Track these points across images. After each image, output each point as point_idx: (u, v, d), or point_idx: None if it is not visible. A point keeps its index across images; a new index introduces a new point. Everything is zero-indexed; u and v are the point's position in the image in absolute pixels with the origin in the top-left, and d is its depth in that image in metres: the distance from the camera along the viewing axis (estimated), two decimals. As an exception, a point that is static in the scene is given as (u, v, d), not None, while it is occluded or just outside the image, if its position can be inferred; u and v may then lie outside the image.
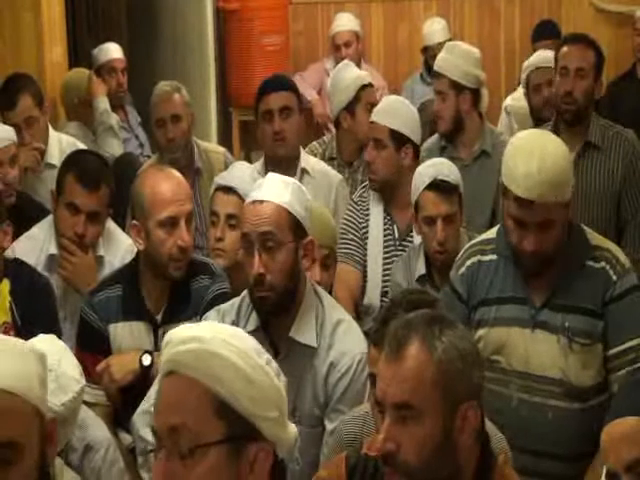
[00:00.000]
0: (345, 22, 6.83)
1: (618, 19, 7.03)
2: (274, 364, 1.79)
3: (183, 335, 1.74)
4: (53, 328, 3.40)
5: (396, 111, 4.22)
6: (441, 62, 4.66)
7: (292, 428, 1.79)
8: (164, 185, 3.36)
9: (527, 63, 5.25)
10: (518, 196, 2.96)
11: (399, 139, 4.16)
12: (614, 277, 3.07)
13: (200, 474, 1.68)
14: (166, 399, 1.73)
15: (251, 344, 1.78)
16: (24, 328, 3.43)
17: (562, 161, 2.98)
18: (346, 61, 5.21)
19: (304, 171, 4.38)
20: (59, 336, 3.38)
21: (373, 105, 4.85)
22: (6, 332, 3.43)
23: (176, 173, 3.46)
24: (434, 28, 6.79)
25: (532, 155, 2.95)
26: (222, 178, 3.73)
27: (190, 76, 5.97)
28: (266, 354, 1.79)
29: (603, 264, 3.08)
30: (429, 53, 6.62)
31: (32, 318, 3.46)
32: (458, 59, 4.59)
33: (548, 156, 2.95)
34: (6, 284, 3.50)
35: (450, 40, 6.66)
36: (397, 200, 4.03)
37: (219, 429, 1.69)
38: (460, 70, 4.56)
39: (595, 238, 3.15)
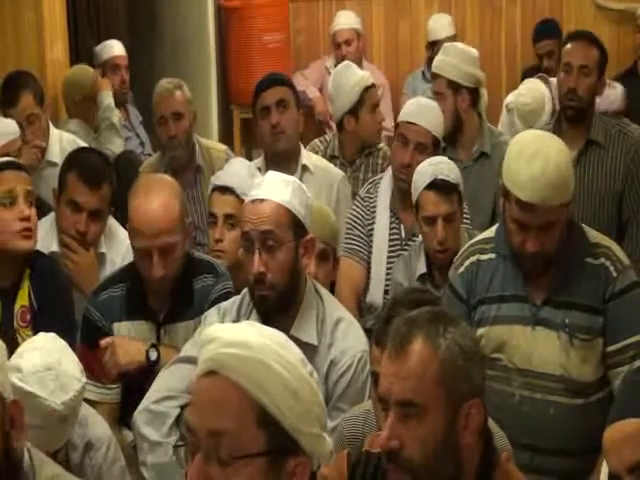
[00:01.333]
0: (346, 20, 6.82)
1: (619, 17, 7.02)
2: (316, 375, 1.76)
3: (230, 337, 1.69)
4: (68, 319, 3.45)
5: (432, 114, 4.19)
6: (438, 63, 4.66)
7: (329, 442, 1.76)
8: (142, 215, 3.27)
9: None
10: (520, 200, 2.96)
11: (437, 143, 4.15)
12: (614, 274, 3.08)
13: None
14: (207, 399, 1.67)
15: (297, 354, 1.75)
16: (40, 313, 3.47)
17: (564, 164, 2.99)
18: (347, 62, 5.19)
19: (305, 168, 4.37)
20: (74, 328, 3.42)
21: (376, 106, 4.85)
22: (23, 315, 3.48)
23: (164, 195, 3.32)
24: (440, 23, 6.79)
25: (534, 159, 2.95)
26: (218, 178, 3.72)
27: (191, 74, 5.96)
28: (309, 364, 1.76)
29: (603, 261, 3.09)
30: (435, 49, 6.62)
31: (48, 308, 3.48)
32: (455, 59, 4.58)
33: (550, 160, 2.95)
34: (27, 270, 3.53)
35: (455, 36, 6.69)
36: (408, 200, 3.99)
37: (260, 439, 1.65)
38: (457, 70, 4.56)
39: (594, 236, 3.17)
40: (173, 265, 3.29)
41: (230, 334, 1.70)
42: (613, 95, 5.08)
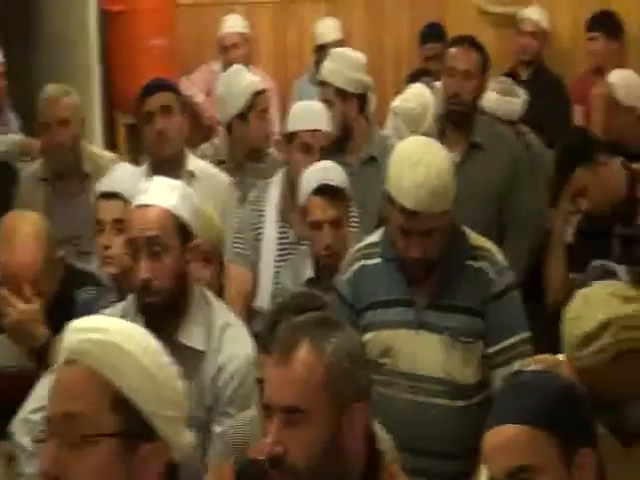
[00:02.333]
0: (233, 24, 6.80)
1: (501, 20, 7.14)
2: (175, 367, 1.79)
3: (86, 325, 1.74)
4: None
5: (325, 114, 4.25)
6: (326, 70, 4.68)
7: (189, 434, 1.78)
8: (5, 267, 3.28)
9: None
10: (403, 207, 3.00)
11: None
12: (492, 276, 3.15)
13: (89, 466, 1.67)
14: (63, 386, 1.71)
15: (154, 342, 1.77)
16: None
17: (446, 172, 3.05)
18: (238, 66, 5.18)
19: (191, 173, 4.34)
20: None
21: (266, 111, 4.85)
22: None
23: (25, 245, 3.30)
24: (327, 27, 6.82)
25: (416, 167, 3.00)
26: (103, 184, 3.68)
27: (72, 79, 5.84)
28: (167, 355, 1.78)
29: (482, 263, 3.16)
30: (323, 52, 6.64)
31: None
32: (342, 66, 4.61)
33: (432, 167, 3.01)
34: None
35: (342, 40, 6.72)
36: (296, 203, 3.99)
37: (114, 423, 1.68)
38: (345, 77, 4.58)
39: (475, 238, 3.23)
40: (45, 297, 3.29)
41: (87, 322, 1.76)
42: (516, 104, 5.14)
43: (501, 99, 5.06)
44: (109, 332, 1.72)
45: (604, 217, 4.29)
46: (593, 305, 2.57)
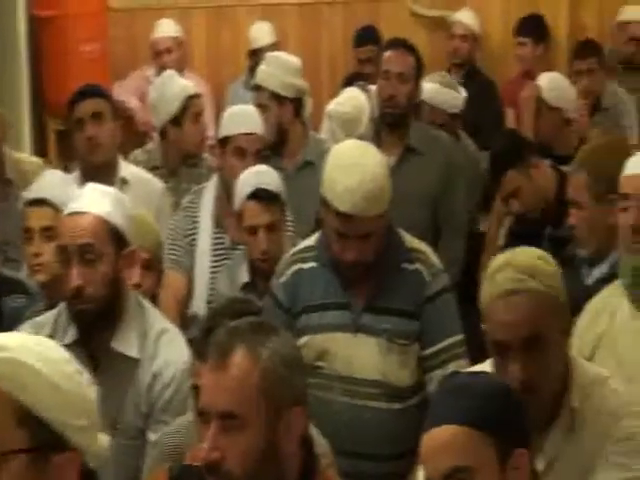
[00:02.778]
0: (166, 28, 6.76)
1: (433, 23, 7.19)
2: (86, 375, 1.79)
3: None
4: None
5: (257, 118, 4.22)
6: (261, 74, 4.67)
7: (103, 438, 1.77)
8: None
9: None
10: (338, 210, 3.01)
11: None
12: (428, 278, 3.16)
13: None
14: None
15: (58, 352, 1.78)
16: None
17: (381, 175, 3.06)
18: (170, 71, 5.15)
19: (124, 180, 4.31)
20: None
21: (200, 115, 4.83)
22: None
23: None
24: (261, 31, 6.81)
25: (352, 171, 3.01)
26: (31, 191, 3.64)
27: (0, 85, 5.78)
28: (75, 364, 1.79)
29: (417, 266, 3.17)
30: (257, 57, 6.63)
31: None
32: (277, 70, 4.61)
33: (367, 171, 3.02)
34: None
35: (276, 43, 6.72)
36: (232, 208, 3.97)
37: (21, 438, 1.69)
38: (280, 81, 4.58)
39: (410, 241, 3.25)
40: None
41: None
42: (458, 99, 5.19)
43: (442, 89, 5.09)
44: (9, 348, 1.72)
45: (535, 219, 4.34)
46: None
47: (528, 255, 2.50)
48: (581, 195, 3.58)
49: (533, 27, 6.65)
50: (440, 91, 5.07)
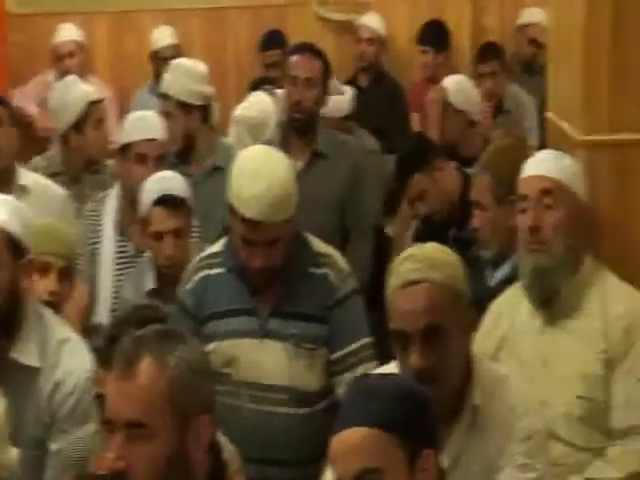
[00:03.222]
0: (67, 33, 6.67)
1: (340, 27, 7.21)
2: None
3: None
4: None
5: (160, 123, 4.19)
6: (166, 83, 4.63)
7: (13, 451, 1.74)
8: None
9: None
10: (245, 217, 3.00)
11: None
12: (336, 282, 3.17)
13: None
14: None
15: None
16: None
17: (287, 181, 3.05)
18: (72, 76, 5.09)
19: (23, 188, 4.22)
20: None
21: (102, 121, 4.77)
22: None
23: None
24: (162, 34, 6.77)
25: (258, 177, 3.00)
26: None
27: None
28: None
29: (325, 270, 3.18)
30: (160, 59, 6.60)
31: None
32: (183, 78, 4.57)
33: (274, 177, 3.01)
34: None
35: (178, 45, 6.69)
36: (135, 216, 3.92)
37: None
38: (186, 89, 4.55)
39: (317, 245, 3.25)
40: None
41: None
42: (343, 101, 5.21)
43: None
44: None
45: (441, 221, 4.38)
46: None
47: (431, 248, 2.54)
48: (484, 197, 3.63)
49: (435, 35, 6.72)
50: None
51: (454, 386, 2.50)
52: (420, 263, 2.46)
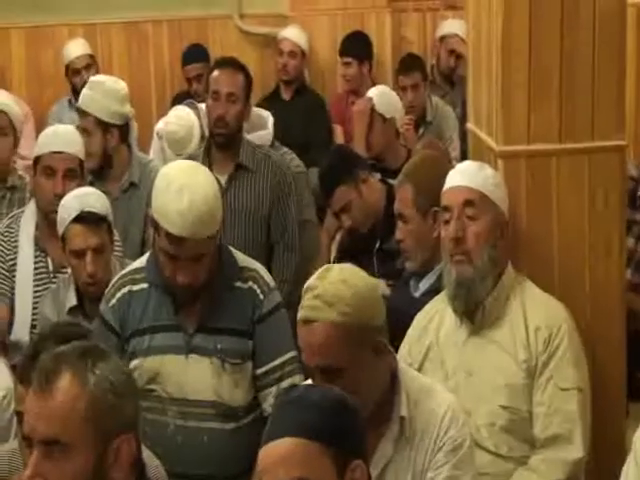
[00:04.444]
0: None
1: (262, 41, 7.22)
2: None
3: None
4: None
5: (74, 138, 4.12)
6: (86, 100, 4.54)
7: None
8: None
9: None
10: (169, 233, 2.98)
11: (82, 166, 4.11)
12: (261, 296, 3.16)
13: None
14: None
15: None
16: None
17: (211, 197, 3.03)
18: None
19: None
20: None
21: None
22: None
23: None
24: (74, 44, 6.69)
25: (182, 193, 2.98)
26: None
27: None
28: None
29: (250, 284, 3.17)
30: (71, 70, 6.53)
31: None
32: (104, 98, 4.49)
33: (198, 193, 2.99)
34: None
35: (92, 55, 6.63)
36: (53, 231, 3.87)
37: None
38: (106, 109, 4.48)
39: (242, 259, 3.23)
40: None
41: None
42: (267, 134, 5.13)
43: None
44: None
45: (366, 233, 4.39)
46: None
47: (334, 278, 2.49)
48: (407, 209, 3.65)
49: (357, 46, 6.74)
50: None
51: (375, 400, 2.51)
52: (318, 299, 2.46)
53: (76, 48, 6.66)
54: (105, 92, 4.53)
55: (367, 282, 2.55)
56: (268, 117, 4.98)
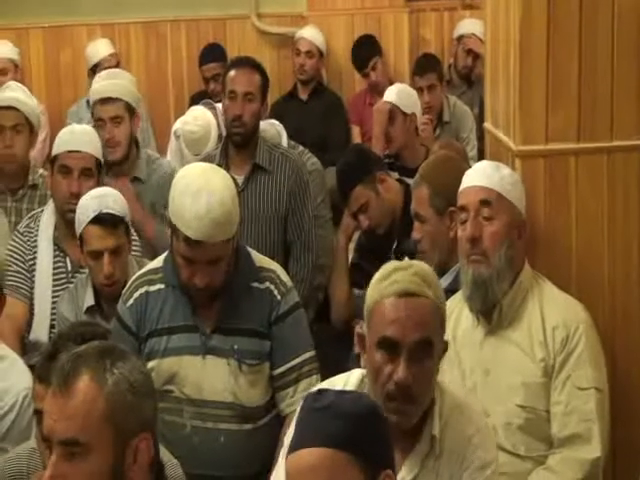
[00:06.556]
0: (2, 50, 6.58)
1: (279, 40, 7.22)
2: None
3: None
4: None
5: (91, 137, 4.13)
6: (111, 87, 4.55)
7: None
8: None
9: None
10: (187, 236, 2.97)
11: (100, 166, 4.15)
12: (278, 297, 3.15)
13: None
14: None
15: None
16: None
17: (229, 200, 3.01)
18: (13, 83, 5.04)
19: None
20: None
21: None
22: None
23: None
24: (96, 45, 6.72)
25: (199, 196, 2.96)
26: None
27: None
28: None
29: (267, 284, 3.16)
30: (100, 70, 6.55)
31: None
32: (130, 84, 4.55)
33: (215, 197, 2.98)
34: None
35: (115, 54, 6.65)
36: (71, 231, 3.88)
37: None
38: (134, 94, 4.53)
39: (260, 259, 3.23)
40: None
41: None
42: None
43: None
44: None
45: (384, 233, 4.39)
46: None
47: (421, 265, 2.53)
48: (424, 209, 3.64)
49: (370, 45, 6.74)
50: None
51: (424, 410, 2.49)
52: (417, 277, 2.46)
53: (104, 47, 6.69)
54: (128, 79, 4.57)
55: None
56: (281, 129, 4.97)
